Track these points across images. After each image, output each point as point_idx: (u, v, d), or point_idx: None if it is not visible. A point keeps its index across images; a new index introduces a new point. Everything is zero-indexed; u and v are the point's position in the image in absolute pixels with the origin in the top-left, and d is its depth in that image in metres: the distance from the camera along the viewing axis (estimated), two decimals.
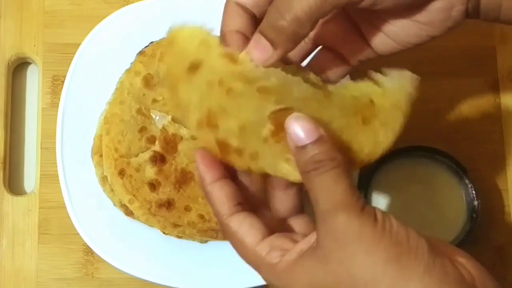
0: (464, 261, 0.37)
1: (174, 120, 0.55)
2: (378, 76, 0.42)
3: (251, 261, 0.41)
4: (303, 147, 0.39)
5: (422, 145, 0.61)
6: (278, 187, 0.43)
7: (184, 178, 0.56)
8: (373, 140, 0.41)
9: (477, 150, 0.66)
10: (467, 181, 0.59)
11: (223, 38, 0.43)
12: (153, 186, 0.56)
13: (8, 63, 0.66)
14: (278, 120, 0.40)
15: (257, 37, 0.41)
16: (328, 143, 0.39)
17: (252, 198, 0.44)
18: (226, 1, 0.44)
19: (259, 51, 0.41)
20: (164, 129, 0.54)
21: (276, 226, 0.43)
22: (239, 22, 0.43)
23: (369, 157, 0.41)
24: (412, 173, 0.60)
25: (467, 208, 0.59)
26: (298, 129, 0.39)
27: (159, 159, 0.56)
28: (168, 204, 0.56)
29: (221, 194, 0.42)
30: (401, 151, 0.60)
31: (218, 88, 0.40)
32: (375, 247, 0.36)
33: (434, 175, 0.60)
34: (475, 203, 0.58)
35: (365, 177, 0.59)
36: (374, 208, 0.38)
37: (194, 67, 0.40)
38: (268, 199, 0.44)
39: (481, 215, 0.58)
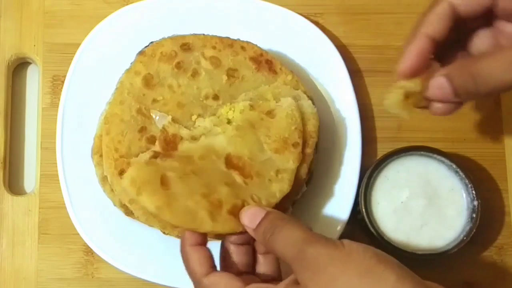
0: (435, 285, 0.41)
1: (174, 120, 0.55)
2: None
3: None
4: (257, 227, 0.46)
5: (422, 145, 0.60)
6: (259, 250, 0.50)
7: None
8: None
9: (478, 150, 0.66)
10: (467, 181, 0.59)
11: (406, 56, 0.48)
12: None
13: (8, 63, 0.66)
14: (232, 162, 0.52)
15: (442, 81, 0.46)
16: (272, 213, 0.46)
17: (236, 264, 0.50)
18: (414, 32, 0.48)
19: (440, 92, 0.47)
20: (164, 129, 0.54)
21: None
22: (425, 45, 0.48)
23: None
24: (412, 173, 0.59)
25: (467, 208, 0.59)
26: (247, 218, 0.48)
27: None
28: None
29: (199, 255, 0.47)
30: (401, 151, 0.60)
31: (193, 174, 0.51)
32: (347, 265, 0.40)
33: (434, 175, 0.60)
34: (475, 203, 0.58)
35: (365, 177, 0.59)
36: (330, 238, 0.43)
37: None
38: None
39: (481, 215, 0.58)
